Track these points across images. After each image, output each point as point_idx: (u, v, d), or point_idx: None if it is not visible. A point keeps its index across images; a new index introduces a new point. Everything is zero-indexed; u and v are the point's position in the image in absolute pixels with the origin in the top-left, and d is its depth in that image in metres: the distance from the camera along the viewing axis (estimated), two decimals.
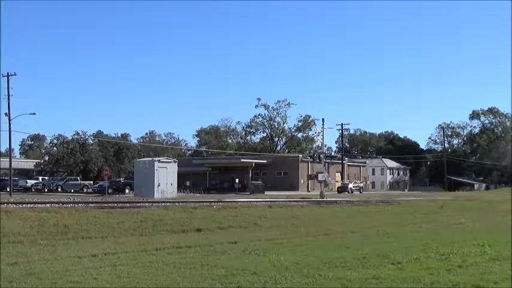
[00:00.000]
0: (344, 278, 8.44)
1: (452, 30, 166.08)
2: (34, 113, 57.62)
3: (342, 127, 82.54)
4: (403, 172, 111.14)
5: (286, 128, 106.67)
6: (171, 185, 41.54)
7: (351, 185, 68.93)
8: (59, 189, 59.66)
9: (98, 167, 68.65)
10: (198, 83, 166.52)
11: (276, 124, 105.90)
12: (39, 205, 21.04)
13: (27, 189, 61.31)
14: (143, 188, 40.13)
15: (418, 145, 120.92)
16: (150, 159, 48.30)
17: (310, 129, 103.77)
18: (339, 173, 78.43)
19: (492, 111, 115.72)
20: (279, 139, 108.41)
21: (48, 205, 21.30)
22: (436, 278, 8.43)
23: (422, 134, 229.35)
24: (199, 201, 26.98)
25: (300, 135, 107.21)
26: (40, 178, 68.23)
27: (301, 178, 73.74)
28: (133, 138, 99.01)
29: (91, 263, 9.88)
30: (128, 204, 23.61)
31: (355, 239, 14.78)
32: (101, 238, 14.33)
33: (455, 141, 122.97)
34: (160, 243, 12.99)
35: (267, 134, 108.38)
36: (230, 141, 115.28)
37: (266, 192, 57.43)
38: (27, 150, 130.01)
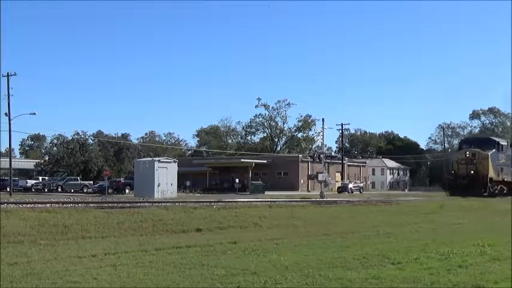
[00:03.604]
0: (344, 278, 8.44)
1: (452, 30, 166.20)
2: (34, 113, 57.69)
3: (342, 127, 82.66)
4: (403, 172, 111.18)
5: (286, 128, 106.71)
6: (171, 185, 41.54)
7: (351, 185, 68.97)
8: (59, 189, 59.69)
9: (98, 167, 68.71)
10: (198, 83, 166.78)
11: (276, 124, 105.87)
12: (39, 205, 21.03)
13: (27, 189, 61.34)
14: (143, 188, 40.13)
15: (418, 145, 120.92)
16: (150, 159, 48.31)
17: (310, 129, 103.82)
18: (339, 173, 78.48)
19: (492, 111, 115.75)
20: (279, 139, 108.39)
21: (48, 205, 21.30)
22: (436, 278, 8.43)
23: (422, 134, 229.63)
24: (199, 201, 26.96)
25: (300, 135, 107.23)
26: (40, 178, 68.28)
27: (301, 178, 73.78)
28: (134, 138, 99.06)
29: (91, 263, 9.88)
30: (128, 204, 23.61)
31: (355, 239, 14.77)
32: (101, 238, 14.32)
33: (455, 141, 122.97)
34: (160, 243, 12.98)
35: (267, 134, 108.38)
36: (230, 141, 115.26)
37: (266, 192, 57.45)
38: (27, 150, 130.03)
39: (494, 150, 46.36)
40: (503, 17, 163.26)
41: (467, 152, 45.62)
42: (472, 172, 44.35)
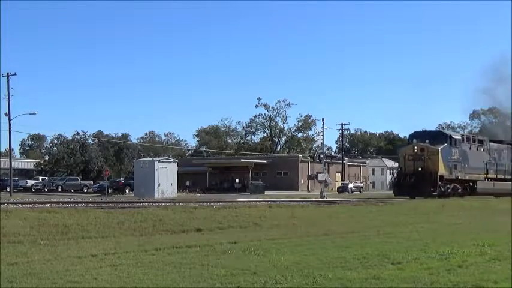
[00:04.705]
0: (344, 278, 8.44)
1: (452, 30, 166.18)
2: (34, 113, 57.79)
3: (342, 127, 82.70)
4: None
5: (286, 128, 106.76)
6: (171, 185, 41.60)
7: (351, 185, 68.97)
8: (59, 189, 59.77)
9: (98, 167, 68.77)
10: (198, 83, 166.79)
11: (276, 124, 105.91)
12: (39, 205, 21.04)
13: (27, 189, 61.45)
14: (143, 188, 40.17)
15: None
16: (150, 159, 48.37)
17: (310, 129, 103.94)
18: (339, 173, 78.48)
19: (492, 111, 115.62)
20: (279, 139, 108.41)
21: (48, 205, 21.30)
22: (436, 278, 8.43)
23: None
24: (199, 201, 26.97)
25: (300, 135, 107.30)
26: (40, 178, 68.36)
27: (301, 178, 73.80)
28: (134, 138, 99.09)
29: (91, 263, 9.88)
30: (127, 204, 23.62)
31: (355, 239, 14.77)
32: (101, 238, 14.32)
33: None
34: (160, 243, 12.98)
35: (267, 134, 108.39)
36: (230, 141, 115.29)
37: (266, 192, 57.52)
38: (27, 150, 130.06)
39: (445, 144, 41.45)
40: (503, 17, 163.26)
41: (416, 147, 41.08)
42: (420, 169, 40.00)
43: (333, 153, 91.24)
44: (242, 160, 73.98)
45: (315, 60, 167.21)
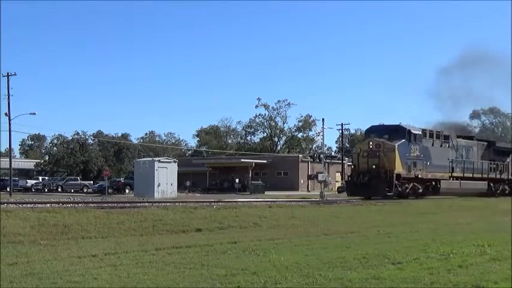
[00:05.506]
0: (344, 278, 8.45)
1: (452, 30, 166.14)
2: (34, 113, 57.81)
3: (342, 127, 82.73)
4: None
5: (286, 128, 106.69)
6: (171, 185, 41.61)
7: None
8: (59, 189, 59.80)
9: (98, 167, 68.79)
10: (198, 83, 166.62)
11: (276, 124, 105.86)
12: (39, 205, 21.03)
13: (27, 189, 61.50)
14: (143, 188, 40.19)
15: None
16: (150, 159, 48.36)
17: (310, 129, 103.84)
18: (339, 173, 78.44)
19: (492, 111, 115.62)
20: (279, 139, 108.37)
21: (48, 205, 21.30)
22: (436, 278, 8.44)
23: None
24: (199, 201, 26.98)
25: (300, 135, 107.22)
26: (40, 178, 68.43)
27: (301, 178, 73.74)
28: (134, 138, 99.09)
29: (91, 263, 9.89)
30: (128, 204, 23.61)
31: (355, 239, 14.78)
32: (101, 238, 14.34)
33: None
34: (160, 243, 12.99)
35: (267, 134, 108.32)
36: (230, 141, 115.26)
37: (266, 192, 57.49)
38: (27, 150, 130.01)
39: (403, 140, 37.75)
40: (503, 16, 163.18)
41: (371, 142, 37.53)
42: (374, 166, 36.50)
43: (333, 153, 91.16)
44: (242, 160, 73.97)
45: (314, 61, 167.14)
